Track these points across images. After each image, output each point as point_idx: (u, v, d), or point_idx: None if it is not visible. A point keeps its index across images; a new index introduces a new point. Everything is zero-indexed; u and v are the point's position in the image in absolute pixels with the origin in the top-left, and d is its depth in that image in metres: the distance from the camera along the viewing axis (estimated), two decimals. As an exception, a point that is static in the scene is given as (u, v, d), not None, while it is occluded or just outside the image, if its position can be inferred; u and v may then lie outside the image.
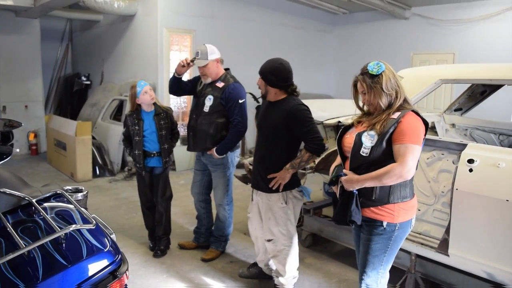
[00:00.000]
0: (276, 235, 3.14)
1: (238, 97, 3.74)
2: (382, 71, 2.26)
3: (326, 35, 10.41)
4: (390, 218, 2.29)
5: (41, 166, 7.81)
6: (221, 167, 3.87)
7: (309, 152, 3.02)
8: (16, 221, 1.80)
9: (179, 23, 7.67)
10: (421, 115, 2.29)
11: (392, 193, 2.27)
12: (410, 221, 2.37)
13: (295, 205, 3.14)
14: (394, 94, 2.27)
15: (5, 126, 2.91)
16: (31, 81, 8.96)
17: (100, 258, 1.63)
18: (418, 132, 2.23)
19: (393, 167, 2.18)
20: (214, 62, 3.77)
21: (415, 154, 2.19)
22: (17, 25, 8.69)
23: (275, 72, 3.09)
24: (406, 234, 2.39)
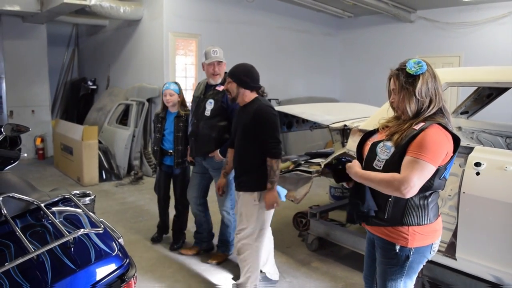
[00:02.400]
0: (243, 231, 3.21)
1: None
2: (422, 72, 2.01)
3: (331, 39, 10.42)
4: (404, 241, 2.04)
5: (48, 171, 7.86)
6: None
7: (273, 158, 3.05)
8: (24, 225, 1.81)
9: (184, 28, 7.71)
10: (450, 129, 1.99)
11: (406, 214, 2.03)
12: (430, 246, 2.09)
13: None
14: (427, 102, 2.01)
15: (13, 131, 2.93)
16: (37, 86, 9.03)
17: (108, 262, 1.63)
18: (436, 149, 1.92)
19: (394, 178, 1.93)
20: (224, 65, 3.88)
21: (424, 172, 1.91)
22: (24, 31, 8.77)
23: (248, 73, 3.15)
24: (424, 260, 2.13)
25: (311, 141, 8.45)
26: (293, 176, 3.81)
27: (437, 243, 2.14)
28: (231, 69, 3.20)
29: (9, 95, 8.77)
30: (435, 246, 2.13)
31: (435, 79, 2.04)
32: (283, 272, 3.84)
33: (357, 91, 9.98)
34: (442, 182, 2.06)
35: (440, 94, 2.04)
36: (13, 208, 1.84)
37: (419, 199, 2.02)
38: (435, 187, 2.02)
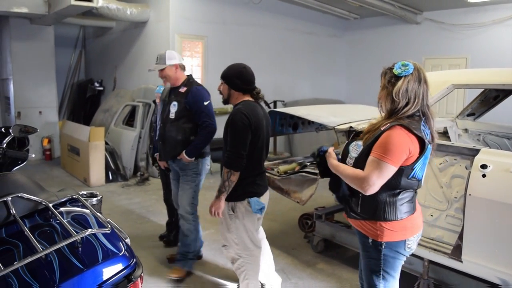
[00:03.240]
0: (229, 242, 3.10)
1: (202, 99, 3.69)
2: (406, 74, 2.07)
3: (337, 40, 10.42)
4: (375, 235, 2.17)
5: (54, 171, 7.91)
6: (190, 172, 3.74)
7: (225, 168, 2.87)
8: (33, 225, 1.84)
9: (190, 29, 7.74)
10: (414, 132, 2.02)
11: (376, 209, 2.14)
12: (403, 243, 2.17)
13: (244, 216, 2.99)
14: (403, 103, 2.06)
15: (21, 132, 2.96)
16: (45, 87, 9.09)
17: (115, 262, 1.65)
18: (395, 150, 2.00)
19: (358, 175, 2.07)
20: (172, 67, 3.78)
21: (383, 172, 2.01)
22: (31, 32, 8.83)
23: (239, 75, 3.02)
24: (400, 256, 2.22)
25: (316, 143, 8.41)
26: (299, 178, 3.82)
27: (412, 240, 2.20)
28: (224, 70, 3.10)
29: (17, 96, 8.83)
30: (410, 243, 2.20)
31: (420, 83, 2.09)
32: (288, 273, 3.85)
33: (363, 92, 9.96)
34: (413, 182, 2.13)
35: (421, 98, 2.08)
36: (22, 208, 1.86)
37: (388, 196, 2.12)
38: (403, 186, 2.10)
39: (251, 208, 2.96)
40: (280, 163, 4.34)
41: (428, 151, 2.11)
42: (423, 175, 2.18)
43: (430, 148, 2.13)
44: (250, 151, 2.87)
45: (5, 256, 1.67)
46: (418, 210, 2.28)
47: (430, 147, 2.12)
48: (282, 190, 3.93)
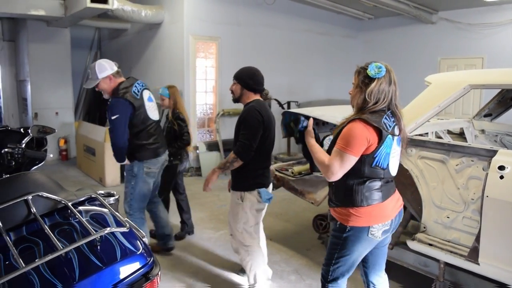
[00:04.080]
0: (233, 231, 3.33)
1: (110, 113, 3.60)
2: (379, 76, 2.26)
3: (351, 41, 10.38)
4: (342, 219, 2.37)
5: (71, 171, 8.01)
6: (127, 174, 3.87)
7: (234, 154, 3.11)
8: (53, 223, 1.87)
9: (204, 31, 7.79)
10: (371, 123, 2.21)
11: (345, 196, 2.34)
12: (367, 229, 2.32)
13: (252, 205, 3.21)
14: (373, 101, 2.25)
15: (39, 132, 3.02)
16: (61, 88, 9.22)
17: (133, 260, 1.67)
18: (352, 140, 2.20)
19: (324, 163, 2.29)
20: (106, 80, 3.64)
21: (343, 160, 2.22)
22: (48, 35, 8.97)
23: (252, 76, 3.25)
24: (363, 242, 2.36)
25: (330, 144, 8.41)
26: (313, 179, 3.81)
27: (376, 228, 2.33)
28: (237, 72, 3.30)
29: (34, 97, 8.98)
30: (375, 231, 2.34)
31: (390, 85, 2.28)
32: (302, 274, 3.84)
33: (378, 93, 9.92)
34: (378, 171, 2.29)
35: (390, 98, 2.28)
36: (42, 206, 1.89)
37: (355, 184, 2.31)
38: (368, 174, 2.28)
39: (261, 197, 3.19)
40: (294, 164, 4.34)
41: (388, 141, 2.26)
42: (389, 164, 2.32)
43: (391, 138, 2.28)
44: (260, 145, 3.11)
45: (26, 253, 1.70)
46: (390, 201, 2.40)
47: (391, 138, 2.27)
48: (296, 190, 3.93)
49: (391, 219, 2.39)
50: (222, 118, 8.03)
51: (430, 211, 3.21)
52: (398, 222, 2.49)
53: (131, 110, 3.61)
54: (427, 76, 3.63)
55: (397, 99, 2.32)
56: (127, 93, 3.60)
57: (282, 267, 3.98)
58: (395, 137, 2.31)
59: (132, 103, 3.60)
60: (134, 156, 3.74)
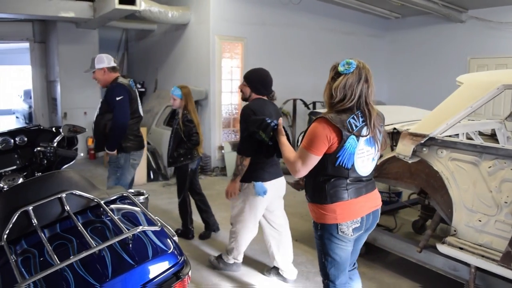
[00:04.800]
0: (233, 210, 3.61)
1: (114, 95, 3.97)
2: (346, 73, 2.27)
3: (377, 40, 10.25)
4: (314, 217, 2.43)
5: (98, 170, 8.15)
6: (113, 165, 4.09)
7: (237, 153, 3.34)
8: (85, 221, 1.90)
9: (230, 31, 7.81)
10: (333, 123, 2.21)
11: (313, 194, 2.40)
12: (335, 226, 2.33)
13: (248, 195, 3.44)
14: (339, 98, 2.25)
15: (70, 132, 3.08)
16: (90, 88, 9.39)
17: (165, 259, 1.68)
18: (314, 139, 2.24)
19: (290, 159, 2.37)
20: (100, 71, 4.10)
21: (305, 159, 2.27)
22: (77, 36, 9.16)
23: (263, 82, 3.45)
24: (336, 240, 2.36)
25: (356, 144, 8.33)
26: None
27: (345, 225, 2.33)
28: (248, 73, 3.47)
29: (63, 97, 9.19)
30: (344, 228, 2.33)
31: (360, 82, 2.26)
32: (328, 276, 3.81)
33: (405, 93, 9.76)
34: (340, 170, 2.29)
35: (358, 96, 2.25)
36: (75, 204, 1.93)
37: (321, 182, 2.33)
38: (332, 173, 2.30)
39: (255, 190, 3.38)
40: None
41: (351, 141, 2.23)
42: (354, 165, 2.30)
43: (355, 139, 2.24)
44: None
45: (60, 250, 1.74)
46: (360, 200, 2.36)
47: (354, 138, 2.24)
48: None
49: (360, 217, 2.37)
50: (247, 118, 8.04)
51: (461, 214, 3.14)
52: (373, 222, 2.48)
53: (130, 96, 4.05)
54: (459, 76, 3.56)
55: (369, 98, 2.30)
56: (125, 83, 4.09)
57: (308, 268, 3.96)
58: (361, 138, 2.28)
59: (129, 91, 4.05)
60: (121, 147, 4.04)
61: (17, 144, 2.88)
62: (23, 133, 2.92)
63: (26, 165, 2.87)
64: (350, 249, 2.43)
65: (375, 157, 2.42)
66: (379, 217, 2.59)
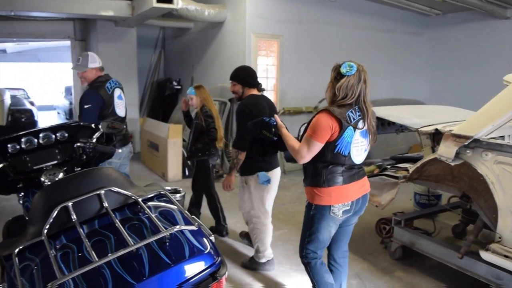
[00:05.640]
0: (243, 209, 3.81)
1: (84, 102, 3.96)
2: (348, 74, 2.54)
3: (416, 38, 9.96)
4: (309, 198, 2.73)
5: (135, 166, 8.29)
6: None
7: (233, 148, 3.57)
8: (123, 218, 1.92)
9: (266, 29, 7.77)
10: (334, 114, 2.50)
11: (312, 178, 2.68)
12: (328, 208, 2.63)
13: (255, 187, 3.65)
14: (341, 96, 2.54)
15: (108, 128, 3.12)
16: (127, 85, 9.51)
17: (201, 259, 1.67)
18: (318, 128, 2.52)
19: (294, 148, 2.66)
20: (92, 70, 4.10)
21: (310, 146, 2.55)
22: (116, 34, 9.35)
23: (249, 74, 3.68)
24: (326, 219, 2.67)
25: (393, 145, 8.15)
26: (378, 181, 3.68)
27: (337, 207, 2.64)
28: (232, 73, 3.69)
29: (102, 94, 9.38)
30: (335, 210, 2.64)
31: (359, 83, 2.55)
32: (364, 280, 3.73)
33: (445, 93, 9.46)
34: (339, 157, 2.58)
35: (357, 95, 2.55)
36: (113, 201, 1.95)
37: (320, 167, 2.63)
38: (331, 159, 2.59)
39: (259, 180, 3.60)
40: (358, 165, 4.22)
41: (349, 131, 2.53)
42: (350, 152, 2.59)
43: (352, 129, 2.54)
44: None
45: (98, 246, 1.75)
46: (353, 185, 2.67)
47: (351, 129, 2.54)
48: (359, 193, 3.81)
49: (351, 201, 2.67)
50: (282, 116, 7.97)
51: (507, 220, 2.99)
52: (362, 205, 2.78)
53: (101, 103, 4.01)
54: (506, 75, 3.40)
55: (366, 97, 2.59)
56: (101, 88, 4.05)
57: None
58: (358, 129, 2.57)
59: (102, 97, 4.01)
60: None
61: (58, 139, 2.93)
62: (64, 129, 2.98)
63: (66, 160, 2.92)
64: (333, 231, 2.77)
65: (367, 148, 2.72)
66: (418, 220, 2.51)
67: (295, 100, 7.95)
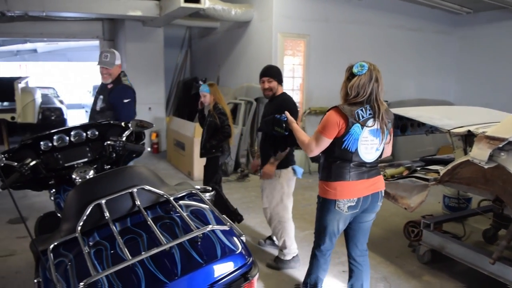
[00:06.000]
0: (269, 205, 3.86)
1: (122, 97, 4.15)
2: (359, 74, 2.62)
3: (446, 37, 9.75)
4: (319, 191, 2.85)
5: (161, 164, 8.39)
6: None
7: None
8: (155, 216, 1.93)
9: (293, 28, 7.74)
10: (342, 111, 2.61)
11: (322, 173, 2.83)
12: (333, 202, 2.73)
13: (288, 180, 3.80)
14: (353, 94, 2.63)
15: (137, 126, 3.15)
16: (154, 85, 9.70)
17: (233, 259, 1.66)
18: (327, 124, 2.66)
19: (304, 142, 2.83)
20: (117, 67, 4.25)
21: (318, 141, 2.70)
22: (144, 34, 9.48)
23: (279, 71, 3.86)
24: (332, 213, 2.76)
25: (421, 146, 8.00)
26: (408, 183, 3.62)
27: (342, 202, 2.71)
28: (269, 71, 3.81)
29: (130, 93, 9.52)
30: (341, 205, 2.72)
31: (371, 81, 2.62)
32: (391, 283, 3.67)
33: (475, 93, 9.23)
34: (345, 153, 2.66)
35: (369, 93, 2.62)
36: (146, 199, 1.96)
37: (329, 162, 2.75)
38: (338, 155, 2.69)
39: (295, 173, 3.79)
40: (386, 167, 4.16)
41: (356, 128, 2.61)
42: (358, 150, 2.65)
43: (359, 127, 2.61)
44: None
45: (130, 244, 1.77)
46: (360, 182, 2.72)
47: (359, 126, 2.61)
48: (388, 194, 3.76)
49: (357, 197, 2.72)
50: (308, 116, 7.95)
51: (543, 226, 2.90)
52: (372, 203, 2.81)
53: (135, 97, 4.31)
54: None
55: (379, 95, 2.65)
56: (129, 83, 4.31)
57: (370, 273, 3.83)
58: (366, 127, 2.63)
59: (135, 92, 4.29)
60: None
61: (89, 137, 2.98)
62: (94, 127, 3.02)
63: (97, 158, 2.96)
64: (341, 225, 2.82)
65: (379, 147, 2.74)
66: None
67: (321, 100, 7.89)
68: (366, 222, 2.92)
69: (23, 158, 2.62)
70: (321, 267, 2.99)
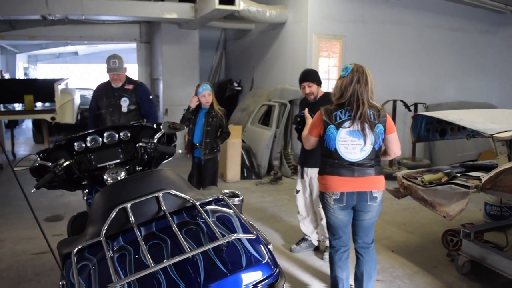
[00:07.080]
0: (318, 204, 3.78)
1: (148, 94, 4.59)
2: (343, 76, 2.79)
3: (489, 37, 9.34)
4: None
5: (194, 166, 8.42)
6: None
7: None
8: (180, 222, 1.88)
9: (328, 29, 7.62)
10: (322, 112, 2.84)
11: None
12: (324, 195, 2.90)
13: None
14: (338, 95, 2.81)
15: (169, 128, 3.14)
16: (189, 86, 9.71)
17: (259, 269, 1.60)
18: (312, 124, 2.95)
19: (303, 135, 3.12)
20: (125, 70, 4.47)
21: (306, 138, 3.03)
22: (179, 36, 9.58)
23: (317, 74, 3.98)
24: (326, 205, 2.91)
25: (461, 151, 7.71)
26: (447, 190, 3.45)
27: (329, 195, 2.86)
28: (308, 75, 3.93)
29: (165, 94, 9.66)
30: (327, 198, 2.87)
31: (352, 83, 2.73)
32: (429, 294, 3.52)
33: (521, 96, 8.81)
34: (327, 150, 2.84)
35: (350, 94, 2.74)
36: (171, 204, 1.93)
37: (321, 157, 2.96)
38: (323, 152, 2.91)
39: None
40: (424, 172, 3.99)
41: (331, 129, 2.79)
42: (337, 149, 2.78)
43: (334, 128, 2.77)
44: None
45: (154, 249, 1.73)
46: (343, 179, 2.80)
47: (333, 127, 2.77)
48: (426, 201, 3.60)
49: (340, 191, 2.81)
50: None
51: None
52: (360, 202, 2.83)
53: None
54: None
55: (361, 96, 2.72)
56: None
57: (405, 283, 3.68)
58: (343, 129, 2.75)
59: None
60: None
61: (121, 139, 2.99)
62: (127, 129, 3.04)
63: (128, 159, 2.97)
64: (340, 217, 2.90)
65: (365, 148, 2.76)
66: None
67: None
68: (364, 221, 2.94)
69: (57, 159, 2.67)
70: (336, 264, 3.02)
